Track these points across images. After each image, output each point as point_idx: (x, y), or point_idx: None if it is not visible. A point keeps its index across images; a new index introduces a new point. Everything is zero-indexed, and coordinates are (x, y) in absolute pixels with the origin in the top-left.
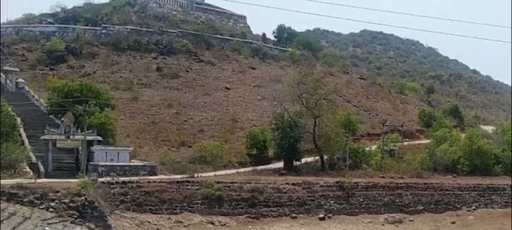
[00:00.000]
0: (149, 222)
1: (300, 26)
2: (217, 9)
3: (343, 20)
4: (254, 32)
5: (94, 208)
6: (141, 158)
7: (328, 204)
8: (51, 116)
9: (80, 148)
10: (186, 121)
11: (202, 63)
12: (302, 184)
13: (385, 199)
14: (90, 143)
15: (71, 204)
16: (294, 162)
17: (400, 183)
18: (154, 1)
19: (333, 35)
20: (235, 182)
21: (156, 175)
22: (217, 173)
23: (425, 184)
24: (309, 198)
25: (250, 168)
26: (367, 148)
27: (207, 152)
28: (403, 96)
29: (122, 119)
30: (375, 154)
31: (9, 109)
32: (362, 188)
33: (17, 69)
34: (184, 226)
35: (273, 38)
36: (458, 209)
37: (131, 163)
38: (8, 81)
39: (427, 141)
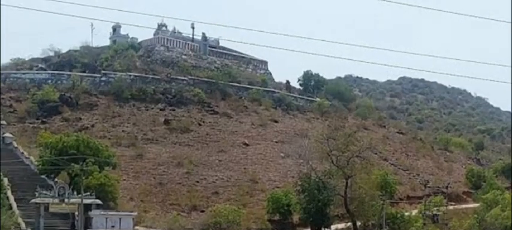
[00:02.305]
0: None
1: (329, 72)
2: (234, 53)
3: (379, 65)
4: (276, 80)
5: None
6: (147, 224)
7: None
8: (43, 176)
9: (76, 213)
10: (198, 182)
11: (216, 115)
12: None
13: None
14: (87, 207)
15: None
16: (323, 229)
17: None
18: (161, 44)
19: (368, 83)
20: None
21: None
22: None
23: None
24: None
25: None
26: (406, 213)
27: (223, 218)
28: (448, 153)
29: (124, 180)
30: (416, 220)
31: None
32: None
33: (4, 122)
34: None
35: (298, 86)
36: None
37: None
38: None
39: (476, 205)
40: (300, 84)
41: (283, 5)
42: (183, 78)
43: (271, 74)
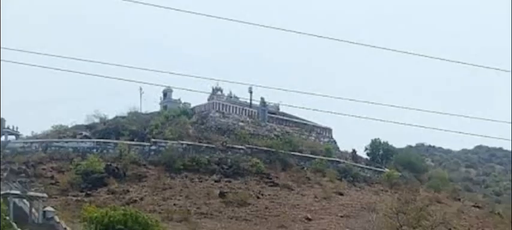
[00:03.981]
0: None
1: (399, 141)
2: (295, 120)
3: (453, 133)
4: (342, 149)
5: None
6: None
7: None
8: None
9: None
10: None
11: (276, 187)
12: None
13: None
14: None
15: None
16: None
17: None
18: (216, 110)
19: (441, 152)
20: None
21: None
22: None
23: None
24: None
25: None
26: None
27: None
28: None
29: None
30: None
31: None
32: None
33: (45, 195)
34: None
35: (365, 156)
36: None
37: None
38: (33, 210)
39: None
40: (367, 154)
41: (350, 68)
42: (240, 146)
43: (336, 143)
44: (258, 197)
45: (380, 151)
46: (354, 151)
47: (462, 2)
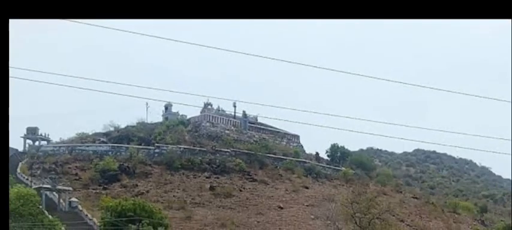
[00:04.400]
0: None
1: (353, 145)
2: (270, 129)
3: (396, 139)
4: (307, 151)
5: None
6: None
7: None
8: None
9: None
10: None
11: (255, 182)
12: None
13: None
14: None
15: None
16: None
17: None
18: (207, 120)
19: (386, 154)
20: None
21: None
22: None
23: None
24: None
25: None
26: None
27: None
28: (456, 215)
29: None
30: None
31: (63, 228)
32: None
33: (70, 188)
34: None
35: (326, 157)
36: None
37: None
38: (61, 201)
39: None
40: (328, 155)
41: (313, 87)
42: (226, 150)
43: (302, 147)
44: (241, 190)
45: (338, 153)
46: (317, 153)
47: (403, 36)
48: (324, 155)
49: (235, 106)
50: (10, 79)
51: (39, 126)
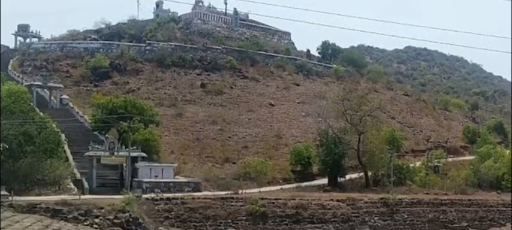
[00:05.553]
0: None
1: (344, 42)
2: (261, 26)
3: (387, 36)
4: (298, 48)
5: (138, 224)
6: (186, 174)
7: (372, 221)
8: (95, 132)
9: (124, 164)
10: (230, 137)
11: (246, 79)
12: (346, 200)
13: (430, 216)
14: (134, 159)
15: (115, 220)
16: (338, 178)
17: (445, 200)
18: (198, 18)
19: (377, 52)
20: (280, 199)
21: (200, 191)
22: (262, 189)
23: (469, 200)
24: (353, 215)
25: (294, 185)
26: (411, 165)
27: (251, 168)
28: (447, 112)
29: (166, 135)
30: (419, 170)
31: (54, 125)
32: (406, 204)
33: (62, 86)
34: None
35: (317, 55)
36: (502, 226)
37: (175, 180)
38: (52, 98)
39: (472, 158)
40: (319, 53)
41: None
42: (217, 47)
43: (293, 44)
44: (232, 88)
45: (329, 51)
46: (308, 50)
47: None
48: (315, 52)
49: (226, 4)
50: None
51: (30, 23)
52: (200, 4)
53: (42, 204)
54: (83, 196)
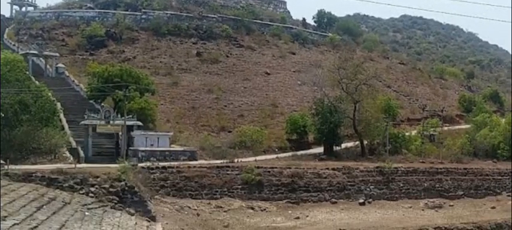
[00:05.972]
0: (189, 207)
1: (340, 11)
2: None
3: (383, 5)
4: (294, 17)
5: (134, 193)
6: (181, 143)
7: (368, 189)
8: (91, 101)
9: (120, 133)
10: (226, 106)
11: (242, 48)
12: (342, 169)
13: (425, 184)
14: (130, 128)
15: (111, 189)
16: (334, 147)
17: (440, 168)
18: None
19: (373, 20)
20: (275, 168)
21: (196, 160)
22: (257, 158)
23: (465, 169)
24: (349, 183)
25: (290, 153)
26: (407, 133)
27: (247, 137)
28: (443, 81)
29: (162, 104)
30: (415, 139)
31: (49, 94)
32: (402, 173)
33: (57, 54)
34: (224, 211)
35: (313, 23)
36: (498, 194)
37: (171, 148)
38: (48, 66)
39: (467, 126)
40: (315, 21)
41: None
42: (213, 15)
43: (289, 12)
44: (227, 56)
45: (325, 19)
46: (304, 19)
47: None
48: (310, 21)
49: None
50: None
51: None
52: None
53: (37, 173)
54: (78, 165)
